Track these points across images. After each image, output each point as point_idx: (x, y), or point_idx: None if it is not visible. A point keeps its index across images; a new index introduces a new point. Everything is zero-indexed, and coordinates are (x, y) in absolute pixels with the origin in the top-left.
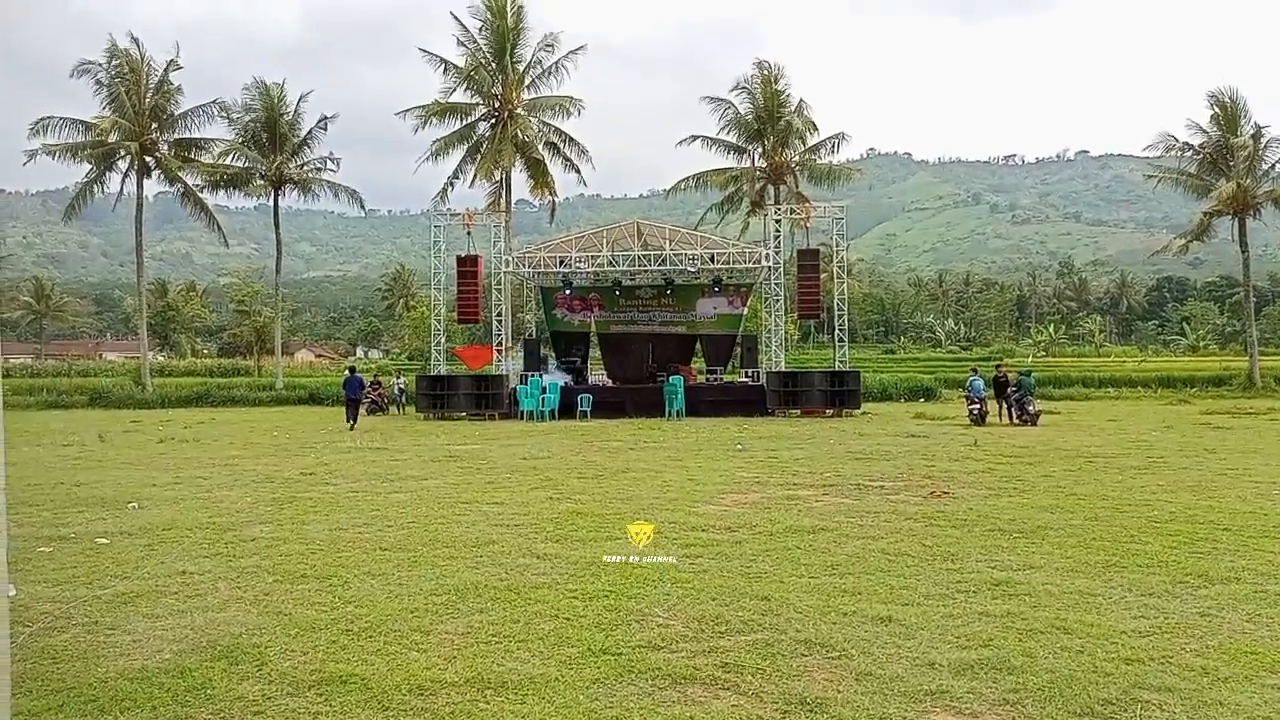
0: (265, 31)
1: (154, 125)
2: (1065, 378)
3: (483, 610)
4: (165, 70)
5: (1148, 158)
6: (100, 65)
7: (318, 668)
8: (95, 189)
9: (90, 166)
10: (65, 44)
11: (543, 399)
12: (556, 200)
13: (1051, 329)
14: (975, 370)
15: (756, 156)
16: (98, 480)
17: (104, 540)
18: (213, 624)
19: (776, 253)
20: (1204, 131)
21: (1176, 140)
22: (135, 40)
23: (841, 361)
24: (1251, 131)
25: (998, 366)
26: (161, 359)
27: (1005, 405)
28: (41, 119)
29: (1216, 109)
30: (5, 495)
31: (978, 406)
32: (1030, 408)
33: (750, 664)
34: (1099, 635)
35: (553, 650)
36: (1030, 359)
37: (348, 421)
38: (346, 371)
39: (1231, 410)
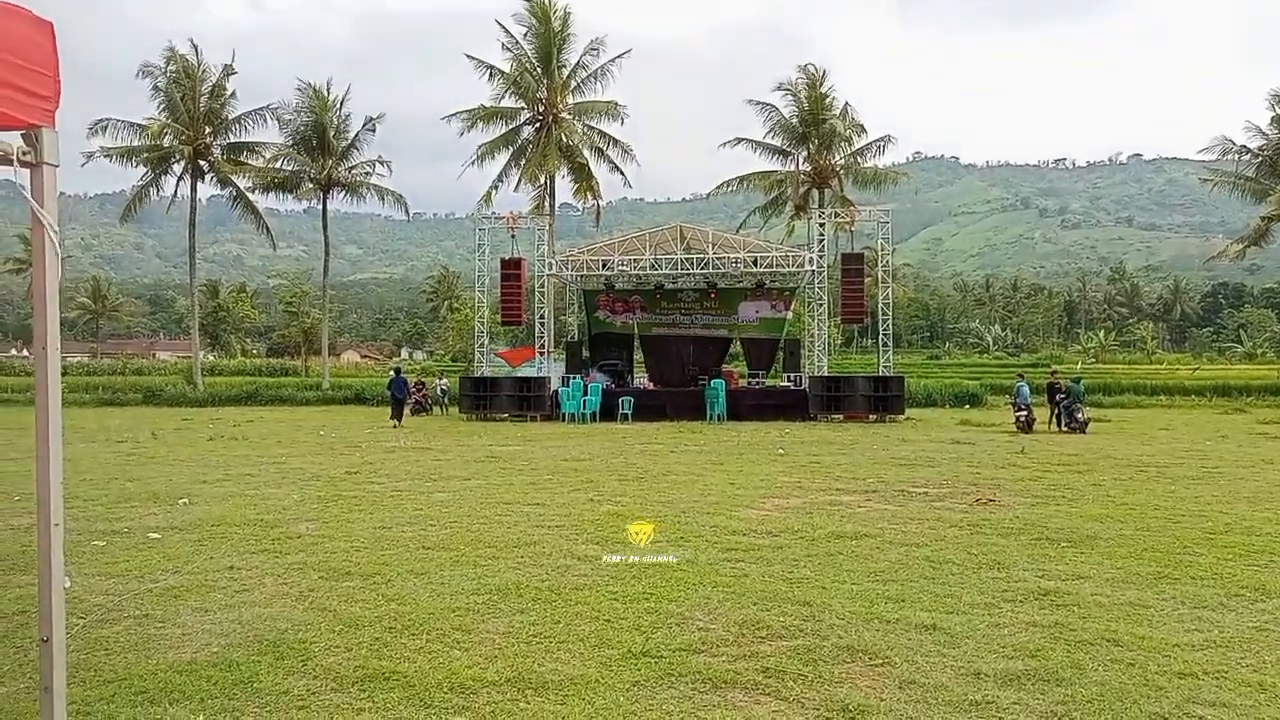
0: (318, 41)
1: (208, 129)
2: (1116, 385)
3: (524, 610)
4: (222, 75)
5: (1203, 161)
6: (159, 69)
7: (361, 664)
8: (150, 192)
9: (146, 170)
10: (124, 52)
11: (584, 401)
12: (601, 204)
13: (1102, 335)
14: (1022, 376)
15: (801, 160)
16: (150, 476)
17: (156, 535)
18: (259, 619)
19: (820, 256)
20: (1263, 134)
21: (1234, 143)
22: (195, 46)
23: (885, 366)
24: None
25: (1053, 373)
26: (212, 358)
27: (1054, 412)
28: (99, 120)
29: (1278, 109)
30: (62, 489)
31: (1024, 413)
32: (1079, 415)
33: (791, 669)
34: (1151, 648)
35: (593, 652)
36: (1080, 365)
37: (392, 420)
38: (391, 373)
39: None
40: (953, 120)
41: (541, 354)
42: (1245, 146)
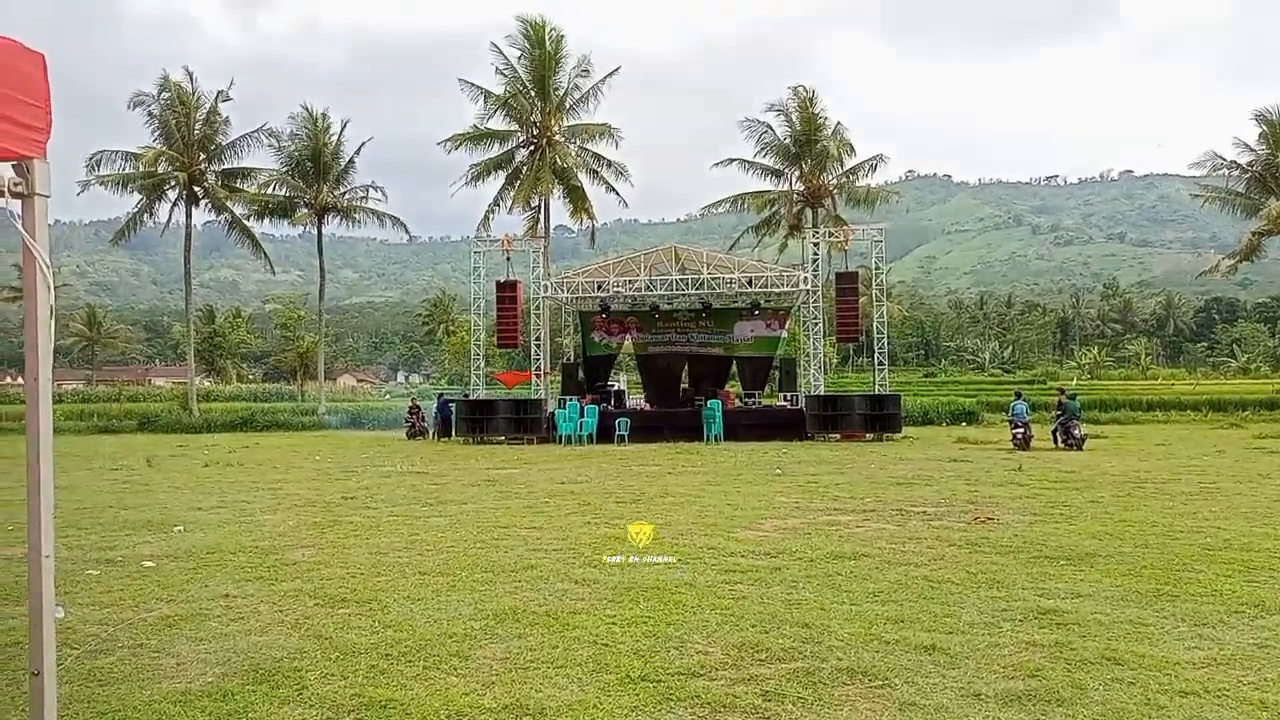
0: (314, 65)
1: (202, 156)
2: (1112, 401)
3: (521, 635)
4: (215, 100)
5: (1194, 177)
6: (152, 97)
7: (357, 692)
8: (145, 218)
9: (140, 196)
10: (121, 80)
11: (581, 423)
12: (595, 225)
13: (1096, 351)
14: (1019, 394)
15: (794, 179)
16: (145, 504)
17: (150, 563)
18: (254, 647)
19: (815, 275)
20: (1252, 150)
21: (1223, 159)
22: (189, 74)
23: (881, 385)
24: None
25: (1060, 391)
26: (208, 384)
27: (1054, 429)
28: (95, 154)
29: (1264, 127)
30: (54, 519)
31: (1021, 430)
32: (1076, 432)
33: (791, 693)
34: (1152, 666)
35: (591, 677)
36: (1075, 381)
37: (434, 439)
38: (437, 397)
39: None
40: (944, 138)
41: (538, 376)
42: (1235, 162)
